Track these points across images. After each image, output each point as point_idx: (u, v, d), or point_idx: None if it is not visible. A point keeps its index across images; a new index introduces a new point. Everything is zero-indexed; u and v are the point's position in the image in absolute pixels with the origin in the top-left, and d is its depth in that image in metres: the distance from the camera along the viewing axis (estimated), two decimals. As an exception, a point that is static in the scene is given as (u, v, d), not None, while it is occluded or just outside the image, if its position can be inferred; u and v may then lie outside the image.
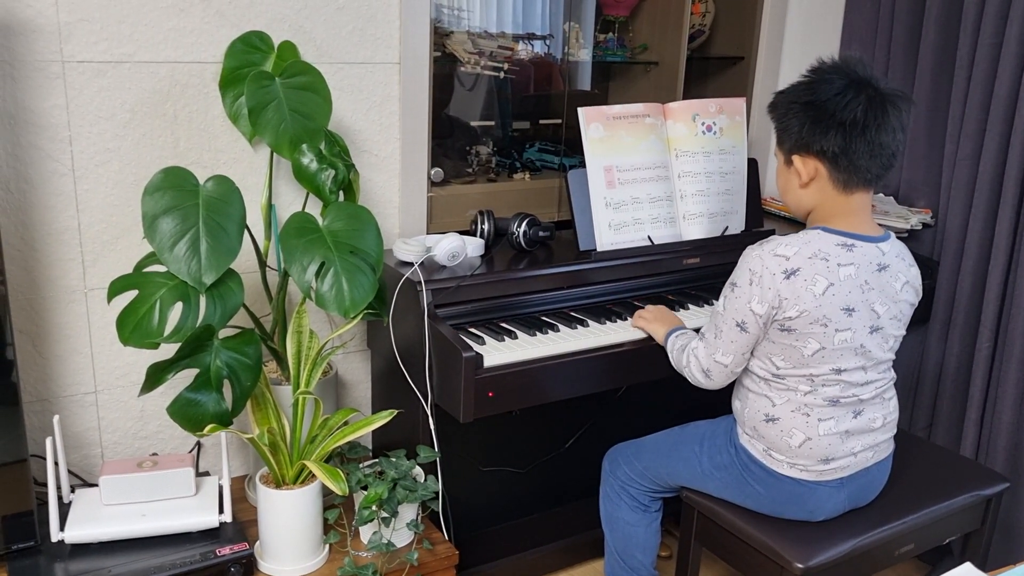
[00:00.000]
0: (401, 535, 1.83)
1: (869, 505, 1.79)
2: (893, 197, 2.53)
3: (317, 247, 1.66)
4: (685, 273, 2.19)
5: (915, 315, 1.75)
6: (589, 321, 1.97)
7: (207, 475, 1.88)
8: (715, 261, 2.19)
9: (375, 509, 1.74)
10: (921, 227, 2.40)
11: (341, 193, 1.82)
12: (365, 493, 1.75)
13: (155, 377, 1.59)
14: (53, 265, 1.81)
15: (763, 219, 2.39)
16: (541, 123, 2.53)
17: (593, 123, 2.06)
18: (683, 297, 2.15)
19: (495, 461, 2.29)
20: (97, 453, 1.95)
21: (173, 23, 1.80)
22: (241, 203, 1.64)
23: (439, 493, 1.85)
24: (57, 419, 1.68)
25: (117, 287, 1.62)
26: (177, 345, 1.58)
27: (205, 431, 1.61)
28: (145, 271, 1.65)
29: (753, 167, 2.30)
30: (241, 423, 1.95)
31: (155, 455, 1.83)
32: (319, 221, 1.71)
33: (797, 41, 2.66)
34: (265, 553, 1.76)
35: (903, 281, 1.67)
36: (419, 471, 1.88)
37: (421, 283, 1.83)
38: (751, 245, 1.65)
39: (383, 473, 1.81)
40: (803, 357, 1.62)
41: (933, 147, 2.44)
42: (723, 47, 2.71)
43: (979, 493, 1.88)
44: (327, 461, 1.78)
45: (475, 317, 1.93)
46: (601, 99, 2.66)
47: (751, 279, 1.60)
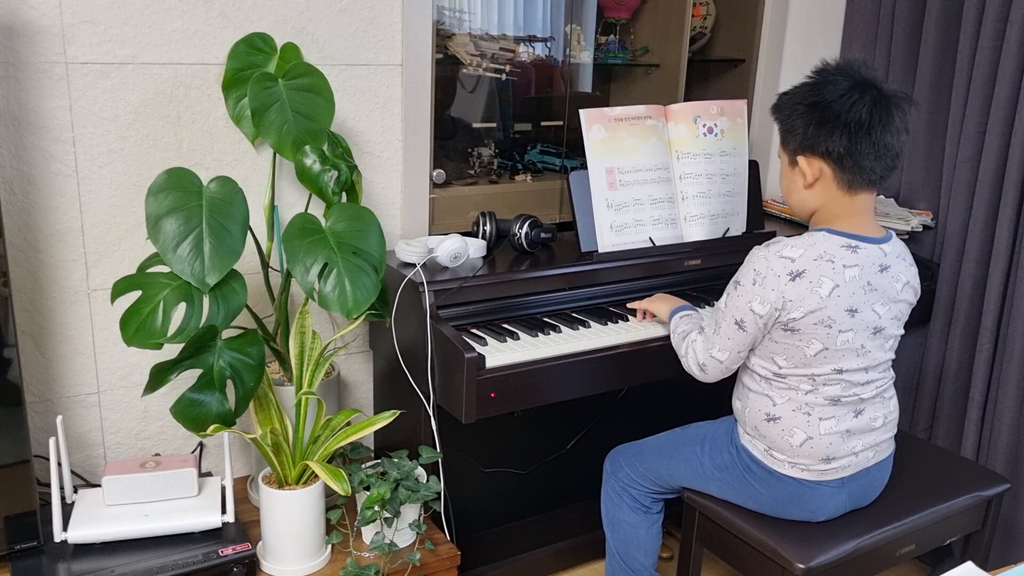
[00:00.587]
0: (403, 535, 1.84)
1: (870, 506, 1.80)
2: (894, 199, 2.53)
3: (320, 248, 1.66)
4: (686, 274, 2.20)
5: (916, 317, 1.75)
6: (591, 322, 1.97)
7: (210, 476, 1.88)
8: (716, 263, 2.20)
9: (377, 509, 1.74)
10: (922, 229, 2.41)
11: (344, 194, 1.82)
12: (367, 493, 1.75)
13: (158, 377, 1.60)
14: (56, 266, 1.81)
15: (764, 221, 2.40)
16: (543, 125, 2.53)
17: (595, 125, 2.06)
18: (684, 298, 2.15)
19: (497, 462, 2.29)
20: (100, 453, 1.96)
21: (176, 25, 1.80)
22: (244, 204, 1.65)
23: (441, 493, 1.85)
24: (60, 420, 1.68)
25: (121, 288, 1.62)
26: (180, 346, 1.59)
27: (208, 431, 1.61)
28: (148, 272, 1.65)
29: (754, 169, 2.30)
30: (244, 424, 1.95)
31: (158, 456, 1.83)
32: (322, 222, 1.71)
33: (798, 43, 2.67)
34: (268, 553, 1.76)
35: (904, 281, 1.68)
36: (421, 472, 1.89)
37: (423, 284, 1.83)
38: (758, 245, 1.65)
39: (385, 474, 1.82)
40: (805, 357, 1.62)
41: (933, 149, 2.44)
42: (724, 49, 2.72)
43: (980, 494, 1.88)
44: (329, 462, 1.78)
45: (477, 318, 1.93)
46: (602, 101, 2.67)
47: (755, 279, 1.61)
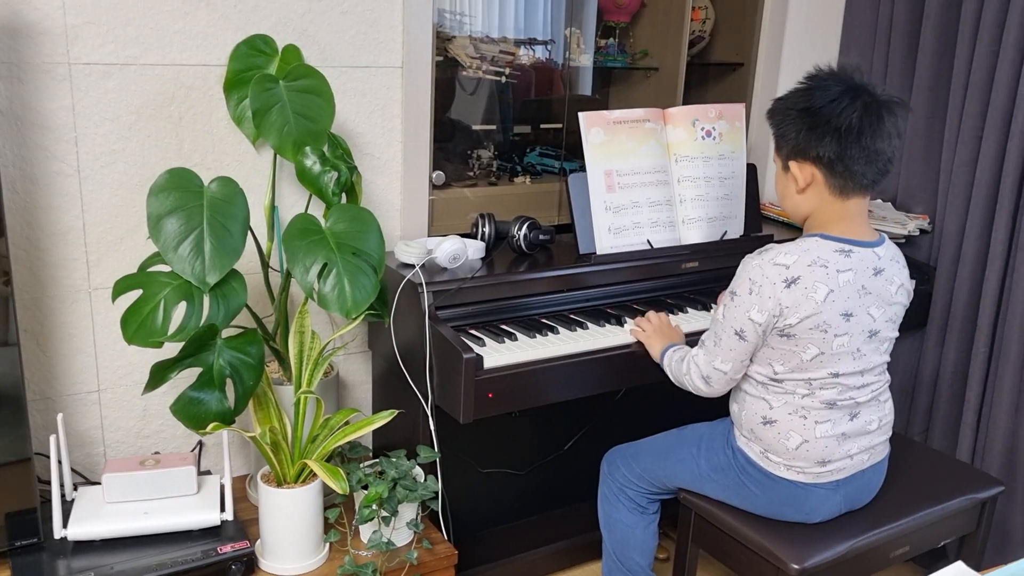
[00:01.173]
0: (401, 534, 1.85)
1: (865, 507, 1.81)
2: (891, 203, 2.54)
3: (320, 248, 1.67)
4: (684, 277, 2.20)
5: (912, 320, 1.76)
6: (588, 324, 1.98)
7: (209, 474, 1.89)
8: (714, 265, 2.20)
9: (375, 508, 1.75)
10: (918, 233, 2.42)
11: (343, 195, 1.83)
12: (365, 492, 1.76)
13: (159, 376, 1.61)
14: (58, 265, 1.82)
15: (762, 224, 2.41)
16: (542, 127, 2.54)
17: (594, 128, 2.07)
18: (682, 301, 2.16)
19: (494, 462, 2.30)
20: (100, 451, 1.97)
21: (179, 26, 1.82)
22: (245, 204, 1.66)
23: (439, 493, 1.86)
24: (61, 417, 1.69)
25: (121, 287, 1.63)
26: (180, 344, 1.60)
27: (207, 429, 1.62)
28: (149, 271, 1.66)
29: (752, 172, 2.31)
30: (243, 422, 1.96)
31: (157, 454, 1.84)
32: (322, 223, 1.72)
33: (796, 48, 2.68)
34: (266, 551, 1.77)
35: (897, 284, 1.69)
36: (419, 471, 1.90)
37: (422, 285, 1.84)
38: (750, 254, 1.66)
39: (383, 473, 1.82)
40: (802, 362, 1.63)
41: (930, 153, 2.45)
42: (723, 53, 2.73)
43: (974, 496, 1.89)
44: (328, 461, 1.79)
45: (475, 319, 1.94)
46: (602, 104, 2.68)
47: (751, 288, 1.62)
